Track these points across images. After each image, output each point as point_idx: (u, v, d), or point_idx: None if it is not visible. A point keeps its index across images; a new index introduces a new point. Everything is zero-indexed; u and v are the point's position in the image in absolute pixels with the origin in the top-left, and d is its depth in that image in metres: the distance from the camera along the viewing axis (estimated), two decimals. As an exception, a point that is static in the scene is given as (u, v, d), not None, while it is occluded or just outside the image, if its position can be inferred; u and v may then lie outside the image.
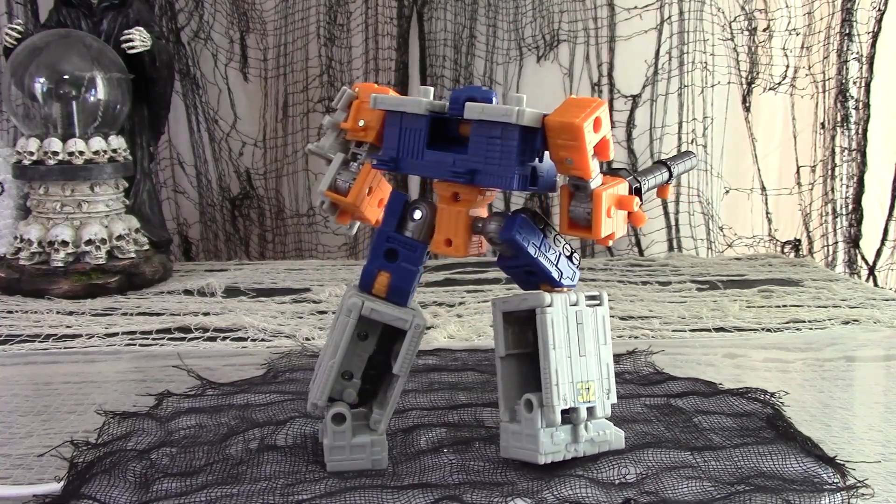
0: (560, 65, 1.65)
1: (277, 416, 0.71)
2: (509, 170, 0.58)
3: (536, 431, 0.60)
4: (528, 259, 0.61)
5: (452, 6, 1.63)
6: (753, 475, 0.61)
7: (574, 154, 0.57)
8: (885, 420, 0.76)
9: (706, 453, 0.64)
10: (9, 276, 1.24)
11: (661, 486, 0.59)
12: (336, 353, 0.61)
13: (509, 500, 0.57)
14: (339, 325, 0.62)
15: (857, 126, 1.66)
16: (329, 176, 0.65)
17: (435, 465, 0.63)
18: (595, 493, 0.58)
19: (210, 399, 0.75)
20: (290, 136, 1.66)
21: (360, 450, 0.62)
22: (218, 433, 0.67)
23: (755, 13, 1.65)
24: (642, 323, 1.10)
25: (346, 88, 0.65)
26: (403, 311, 0.62)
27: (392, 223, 0.63)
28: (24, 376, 0.87)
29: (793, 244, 1.71)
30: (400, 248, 0.62)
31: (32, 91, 1.28)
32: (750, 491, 0.58)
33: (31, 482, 0.61)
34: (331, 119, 0.66)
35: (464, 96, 0.59)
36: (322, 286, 1.29)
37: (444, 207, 0.62)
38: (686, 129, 1.66)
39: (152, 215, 1.45)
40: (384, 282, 0.62)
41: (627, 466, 0.62)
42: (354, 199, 0.64)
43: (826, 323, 1.10)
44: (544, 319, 0.60)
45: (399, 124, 0.61)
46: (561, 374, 0.60)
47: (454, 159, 0.60)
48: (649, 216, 1.66)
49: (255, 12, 1.63)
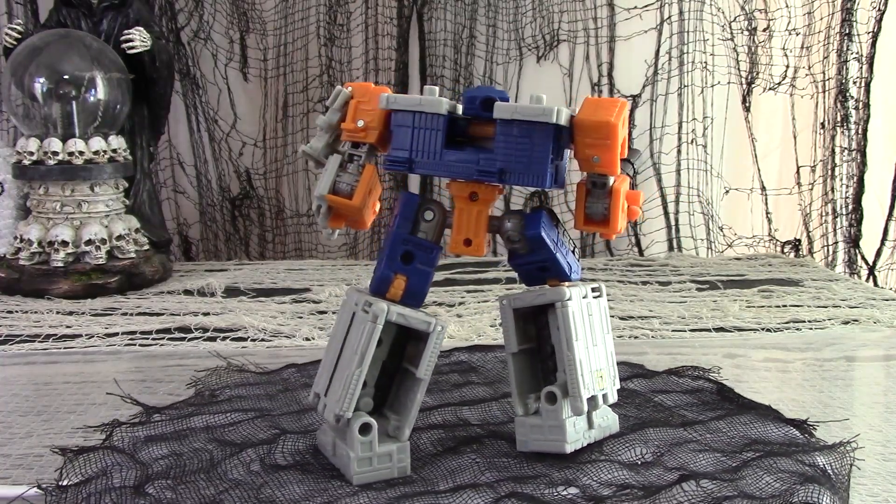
0: (560, 65, 1.65)
1: (256, 434, 0.67)
2: (543, 168, 0.59)
3: (562, 422, 0.62)
4: (548, 255, 0.62)
5: (452, 6, 1.63)
6: (749, 442, 0.65)
7: (604, 152, 0.59)
8: (885, 420, 0.76)
9: (696, 427, 0.68)
10: (9, 276, 1.24)
11: (681, 461, 0.62)
12: (362, 361, 0.59)
13: (562, 490, 0.57)
14: (362, 332, 0.59)
15: (857, 126, 1.66)
16: (329, 178, 0.62)
17: (461, 466, 0.61)
18: (629, 474, 0.60)
19: (164, 425, 0.68)
20: (290, 136, 1.66)
21: (386, 458, 0.60)
22: (203, 459, 0.62)
23: (755, 13, 1.65)
24: (642, 323, 1.09)
25: (340, 88, 0.63)
26: (425, 314, 0.61)
27: (408, 225, 0.61)
28: (24, 376, 0.87)
29: (793, 244, 1.71)
30: (416, 251, 0.61)
31: (32, 91, 1.28)
32: (761, 456, 0.61)
33: (31, 482, 0.61)
34: (325, 119, 0.63)
35: (481, 96, 0.60)
36: (322, 286, 1.29)
37: (463, 207, 0.62)
38: (686, 129, 1.66)
39: (152, 215, 1.45)
40: (401, 285, 0.60)
41: (639, 447, 0.64)
42: (360, 202, 0.62)
43: (826, 323, 1.10)
44: (565, 313, 0.61)
45: (412, 124, 0.60)
46: (584, 364, 0.62)
47: (479, 159, 0.60)
48: (649, 216, 1.66)
49: (255, 12, 1.63)
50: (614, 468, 0.60)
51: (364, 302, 0.60)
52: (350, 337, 0.60)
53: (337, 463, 0.61)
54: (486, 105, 0.59)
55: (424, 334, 0.60)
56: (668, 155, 1.66)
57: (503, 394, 0.76)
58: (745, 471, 0.59)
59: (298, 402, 0.73)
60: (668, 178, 1.67)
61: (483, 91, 0.60)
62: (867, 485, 0.61)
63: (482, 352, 0.88)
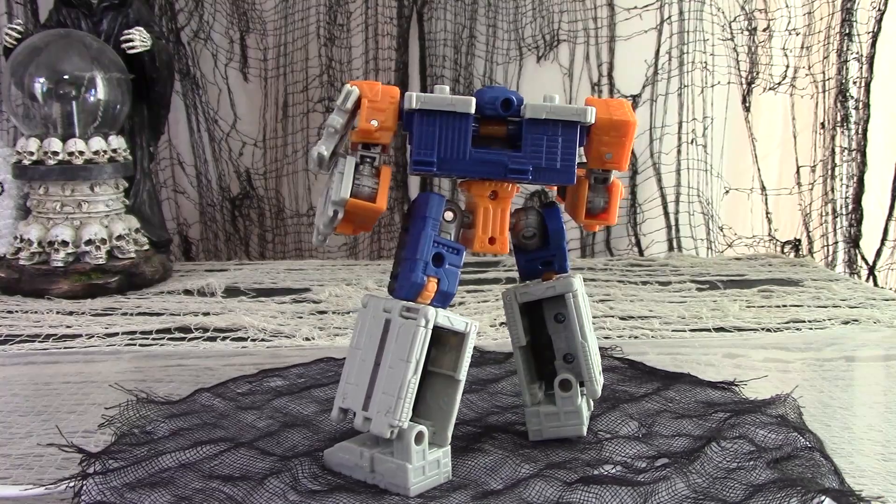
0: (560, 65, 1.65)
1: (254, 464, 0.61)
2: (572, 166, 0.61)
3: (578, 407, 0.66)
4: (559, 248, 0.66)
5: (452, 6, 1.63)
6: (708, 404, 0.74)
7: (617, 149, 0.63)
8: (885, 420, 0.76)
9: (654, 398, 0.75)
10: (9, 276, 1.24)
11: (674, 429, 0.69)
12: (418, 367, 0.57)
13: (605, 469, 0.61)
14: (410, 338, 0.57)
15: (857, 126, 1.66)
16: (348, 181, 0.59)
17: (495, 463, 0.62)
18: (645, 447, 0.65)
19: (133, 471, 0.60)
20: (290, 136, 1.66)
21: (435, 465, 0.59)
22: (222, 498, 0.56)
23: (755, 13, 1.65)
24: (642, 323, 1.10)
25: (352, 88, 0.60)
26: (460, 315, 0.60)
27: (437, 226, 0.60)
28: (24, 376, 0.87)
29: (793, 244, 1.71)
30: (445, 252, 0.60)
31: (32, 91, 1.28)
32: (732, 416, 0.70)
33: (32, 482, 0.61)
34: (336, 119, 0.60)
35: (501, 97, 0.60)
36: (322, 286, 1.29)
37: (487, 207, 0.62)
38: (686, 129, 1.66)
39: (152, 215, 1.45)
40: (433, 288, 0.59)
41: (628, 422, 0.70)
42: (384, 205, 0.60)
43: (826, 323, 1.10)
44: (577, 303, 0.65)
45: (437, 124, 0.59)
46: (593, 350, 0.66)
47: (508, 158, 0.60)
48: (649, 216, 1.66)
49: (255, 12, 1.63)
50: (628, 443, 0.65)
51: (401, 308, 0.58)
52: (390, 345, 0.58)
53: (378, 479, 0.59)
54: (505, 105, 0.60)
55: (447, 337, 0.60)
56: (668, 155, 1.66)
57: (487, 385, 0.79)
58: (736, 430, 0.67)
59: (253, 426, 0.69)
60: (668, 178, 1.67)
61: (502, 92, 0.61)
62: (867, 485, 0.61)
63: (477, 352, 0.88)
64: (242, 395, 0.76)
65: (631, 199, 1.67)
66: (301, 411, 0.73)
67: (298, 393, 0.77)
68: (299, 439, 0.67)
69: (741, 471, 0.61)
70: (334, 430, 0.68)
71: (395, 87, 0.61)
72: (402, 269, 0.60)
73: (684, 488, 0.58)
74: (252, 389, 0.78)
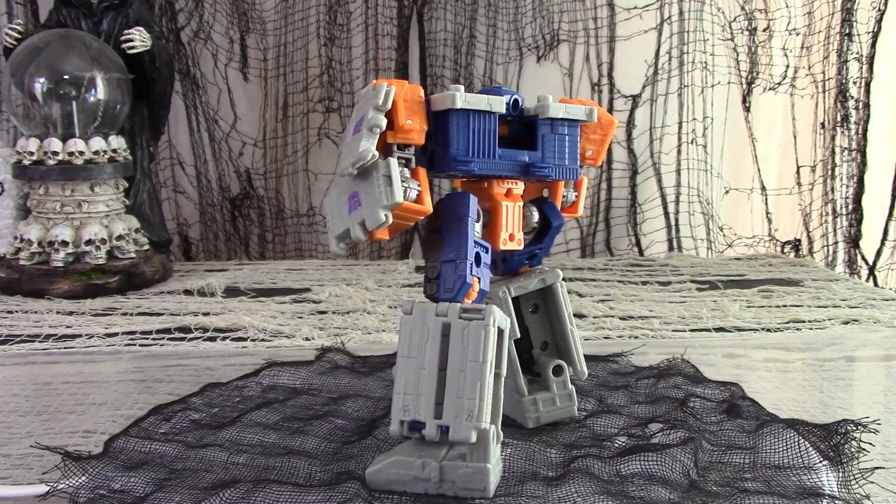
0: (560, 65, 1.65)
1: (305, 498, 0.55)
2: (576, 162, 0.65)
3: (572, 390, 0.70)
4: (551, 242, 0.69)
5: (452, 6, 1.63)
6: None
7: (599, 146, 0.68)
8: (885, 420, 0.76)
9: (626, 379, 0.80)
10: (9, 276, 1.24)
11: (653, 411, 0.73)
12: (492, 368, 0.56)
13: (618, 443, 0.65)
14: (480, 339, 0.56)
15: (857, 126, 1.66)
16: (398, 184, 0.55)
17: (521, 454, 0.63)
18: (624, 418, 0.70)
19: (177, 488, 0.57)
20: (290, 136, 1.66)
21: (498, 463, 0.58)
22: None
23: (755, 13, 1.65)
24: (642, 323, 1.10)
25: (390, 87, 0.57)
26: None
27: (475, 226, 0.60)
28: (24, 376, 0.87)
29: (793, 244, 1.71)
30: (481, 251, 0.60)
31: (32, 91, 1.28)
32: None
33: (31, 482, 0.61)
34: (381, 118, 0.56)
35: (512, 97, 0.62)
36: (322, 286, 1.29)
37: (508, 204, 0.64)
38: (686, 129, 1.66)
39: (152, 215, 1.45)
40: (477, 287, 0.59)
41: (585, 398, 0.75)
42: (431, 206, 0.58)
43: (826, 323, 1.10)
44: (564, 292, 0.69)
45: (469, 124, 0.59)
46: (577, 335, 0.70)
47: (527, 156, 0.63)
48: (649, 216, 1.66)
49: (255, 12, 1.63)
50: (609, 417, 0.70)
51: (459, 310, 0.57)
52: (455, 348, 0.56)
53: (448, 487, 0.56)
54: (514, 105, 0.63)
55: None
56: (668, 155, 1.66)
57: None
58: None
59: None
60: (668, 178, 1.67)
61: (508, 92, 0.63)
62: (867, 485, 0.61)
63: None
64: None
65: (631, 199, 1.67)
66: (262, 440, 0.65)
67: (241, 418, 0.69)
68: (305, 466, 0.60)
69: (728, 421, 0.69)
70: (330, 453, 0.63)
71: (418, 86, 0.59)
72: (446, 271, 0.58)
73: (706, 444, 0.64)
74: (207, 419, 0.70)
